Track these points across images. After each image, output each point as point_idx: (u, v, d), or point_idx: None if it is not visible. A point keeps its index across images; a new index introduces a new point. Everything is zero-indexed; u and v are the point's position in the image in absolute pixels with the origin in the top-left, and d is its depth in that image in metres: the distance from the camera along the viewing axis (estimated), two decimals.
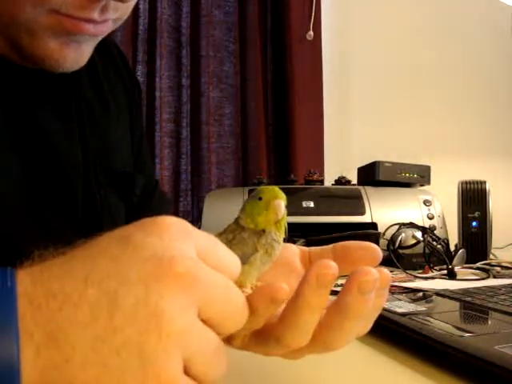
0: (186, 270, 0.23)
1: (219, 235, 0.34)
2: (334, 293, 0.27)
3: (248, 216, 0.34)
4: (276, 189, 0.34)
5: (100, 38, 0.44)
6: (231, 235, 0.34)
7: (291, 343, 0.28)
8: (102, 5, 0.39)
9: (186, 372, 0.24)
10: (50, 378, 0.22)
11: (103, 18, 0.41)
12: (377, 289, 0.27)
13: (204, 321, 0.24)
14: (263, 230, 0.33)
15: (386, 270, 0.29)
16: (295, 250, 0.39)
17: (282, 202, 0.33)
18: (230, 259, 0.27)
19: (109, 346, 0.22)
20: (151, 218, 0.25)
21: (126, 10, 0.43)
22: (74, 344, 0.22)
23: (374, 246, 0.34)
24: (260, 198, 0.33)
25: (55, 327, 0.22)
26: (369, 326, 0.31)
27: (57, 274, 0.23)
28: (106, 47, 0.55)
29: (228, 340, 0.30)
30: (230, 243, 0.33)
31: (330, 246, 0.37)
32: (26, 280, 0.23)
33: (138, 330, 0.22)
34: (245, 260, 0.33)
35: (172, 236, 0.24)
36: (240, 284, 0.33)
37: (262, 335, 0.29)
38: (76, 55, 0.42)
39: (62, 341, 0.22)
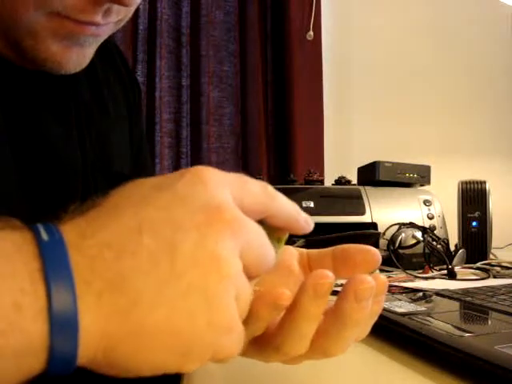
0: (233, 217, 0.24)
1: None
2: (333, 293, 0.27)
3: None
4: None
5: (102, 40, 0.44)
6: None
7: (290, 351, 0.28)
8: (104, 8, 0.39)
9: None
10: (117, 324, 0.22)
11: (106, 21, 0.40)
12: (373, 296, 0.27)
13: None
14: None
15: (382, 277, 0.29)
16: (294, 253, 0.39)
17: None
18: (261, 199, 0.28)
19: (174, 289, 0.22)
20: (187, 169, 0.26)
21: (128, 12, 0.43)
22: (138, 289, 0.22)
23: (373, 249, 0.34)
24: None
25: (115, 275, 0.22)
26: (366, 331, 0.31)
27: (105, 224, 0.23)
28: (105, 48, 0.54)
29: None
30: None
31: (330, 249, 0.37)
32: (72, 233, 0.23)
33: (200, 274, 0.23)
34: None
35: (214, 184, 0.25)
36: None
37: (261, 344, 0.29)
38: (79, 57, 0.42)
39: (126, 287, 0.22)
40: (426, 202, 1.12)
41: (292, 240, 0.92)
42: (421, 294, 0.62)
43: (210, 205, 0.24)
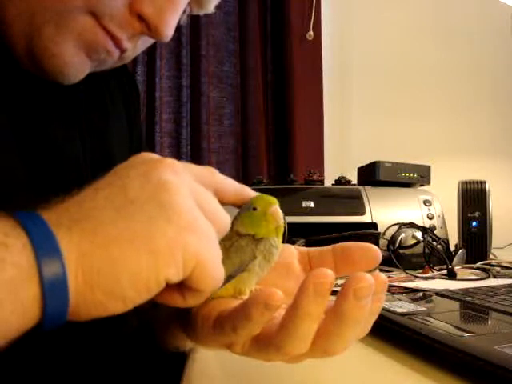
0: (174, 162, 0.29)
1: None
2: (333, 293, 0.27)
3: (247, 226, 0.34)
4: (266, 196, 0.34)
5: (105, 67, 0.45)
6: (228, 242, 0.33)
7: (291, 351, 0.28)
8: (135, 33, 0.41)
9: None
10: (87, 242, 0.25)
11: (126, 46, 0.42)
12: (373, 294, 0.27)
13: None
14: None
15: (382, 275, 0.29)
16: (293, 252, 0.39)
17: (278, 207, 0.33)
18: (203, 173, 0.32)
19: (130, 209, 0.26)
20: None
21: (140, 49, 0.46)
22: (99, 215, 0.26)
23: (373, 246, 0.34)
24: (255, 209, 0.33)
25: (78, 213, 0.26)
26: (367, 329, 0.31)
27: (67, 200, 0.27)
28: None
29: (228, 346, 0.30)
30: (227, 251, 0.33)
31: (330, 246, 0.37)
32: (42, 209, 0.27)
33: (151, 194, 0.27)
34: (243, 267, 0.33)
35: (153, 155, 0.30)
36: (239, 291, 0.33)
37: (262, 343, 0.29)
38: (77, 70, 0.42)
39: (88, 216, 0.26)
40: (426, 202, 1.12)
41: (292, 240, 0.92)
42: (421, 293, 0.63)
43: (152, 159, 0.29)
